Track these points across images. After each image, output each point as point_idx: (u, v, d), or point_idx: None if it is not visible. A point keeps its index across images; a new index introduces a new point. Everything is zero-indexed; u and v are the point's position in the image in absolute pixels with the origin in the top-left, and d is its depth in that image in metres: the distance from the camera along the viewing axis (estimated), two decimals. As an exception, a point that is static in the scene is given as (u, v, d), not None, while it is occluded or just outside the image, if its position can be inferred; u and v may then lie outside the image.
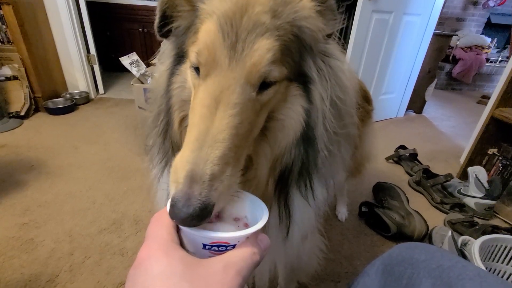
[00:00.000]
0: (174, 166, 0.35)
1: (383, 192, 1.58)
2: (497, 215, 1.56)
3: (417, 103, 3.15)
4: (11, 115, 2.26)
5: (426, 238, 1.33)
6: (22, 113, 2.31)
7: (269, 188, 0.50)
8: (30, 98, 2.38)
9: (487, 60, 4.27)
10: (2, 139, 1.99)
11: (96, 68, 2.94)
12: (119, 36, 3.85)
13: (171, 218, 0.31)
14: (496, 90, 1.75)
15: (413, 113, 3.21)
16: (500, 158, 1.72)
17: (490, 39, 4.20)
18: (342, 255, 1.23)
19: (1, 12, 2.17)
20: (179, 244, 0.31)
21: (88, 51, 2.84)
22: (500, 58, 4.39)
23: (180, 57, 0.46)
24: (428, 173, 1.78)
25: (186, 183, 0.32)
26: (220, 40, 0.37)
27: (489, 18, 4.45)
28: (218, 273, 0.28)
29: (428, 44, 2.70)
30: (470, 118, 3.14)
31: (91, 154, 1.89)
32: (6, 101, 2.25)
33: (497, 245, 1.06)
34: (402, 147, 2.10)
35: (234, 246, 0.31)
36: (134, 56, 2.08)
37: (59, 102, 2.58)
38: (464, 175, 1.77)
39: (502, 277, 1.06)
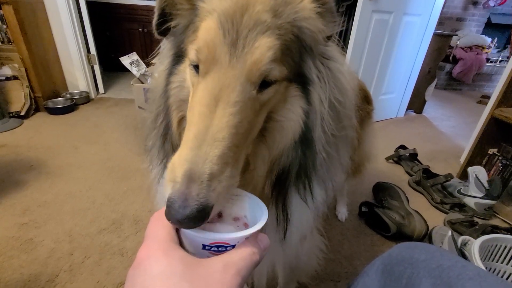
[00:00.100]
0: (172, 165, 0.34)
1: (383, 192, 1.58)
2: (497, 215, 1.56)
3: (417, 103, 3.15)
4: (11, 115, 2.26)
5: (426, 238, 1.33)
6: (22, 113, 2.31)
7: (266, 190, 0.50)
8: (30, 98, 2.38)
9: (487, 60, 4.27)
10: (2, 139, 1.99)
11: (96, 68, 2.95)
12: (119, 36, 3.85)
13: (167, 219, 0.30)
14: (496, 90, 1.75)
15: (413, 113, 3.21)
16: (500, 158, 1.72)
17: (490, 39, 4.20)
18: (342, 255, 1.23)
19: (1, 12, 2.17)
20: (179, 244, 0.31)
21: (88, 51, 2.84)
22: (500, 58, 4.38)
23: (179, 57, 0.46)
24: (428, 173, 1.78)
25: (184, 183, 0.31)
26: (221, 37, 0.36)
27: (489, 18, 4.45)
28: (218, 273, 0.28)
29: (428, 44, 2.70)
30: (470, 118, 3.14)
31: (91, 154, 1.89)
32: (6, 101, 2.25)
33: (497, 245, 1.06)
34: (402, 147, 2.10)
35: (234, 246, 0.31)
36: (134, 56, 2.08)
37: (59, 102, 2.59)
38: (464, 175, 1.77)
39: (502, 277, 1.06)
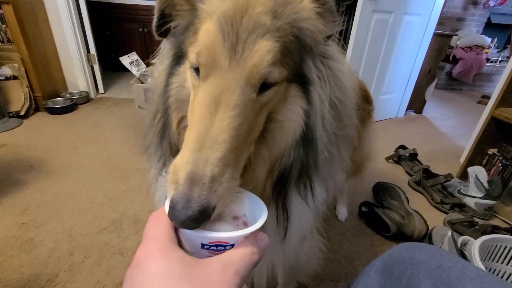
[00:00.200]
0: (174, 167, 0.34)
1: (383, 192, 1.58)
2: (497, 215, 1.56)
3: (417, 103, 3.15)
4: (11, 115, 2.26)
5: (426, 238, 1.33)
6: (22, 113, 2.31)
7: (267, 190, 0.50)
8: (30, 98, 2.38)
9: (487, 60, 4.27)
10: (2, 139, 1.99)
11: (96, 68, 2.94)
12: (119, 36, 3.85)
13: (170, 220, 0.31)
14: (496, 90, 1.74)
15: (413, 113, 3.21)
16: (500, 158, 1.71)
17: (491, 39, 4.20)
18: (342, 255, 1.22)
19: (1, 12, 2.17)
20: (178, 244, 0.31)
21: (88, 51, 2.84)
22: (500, 58, 4.38)
23: (179, 57, 0.46)
24: (428, 173, 1.78)
25: (186, 185, 0.31)
26: (220, 41, 0.36)
27: (490, 18, 4.45)
28: (217, 273, 0.28)
29: (428, 44, 2.69)
30: (470, 118, 3.14)
31: (91, 154, 1.89)
32: (6, 101, 2.25)
33: (497, 245, 1.06)
34: (402, 147, 2.10)
35: (233, 246, 0.31)
36: (134, 56, 2.08)
37: (59, 102, 2.58)
38: (464, 175, 1.77)
39: (502, 277, 1.06)
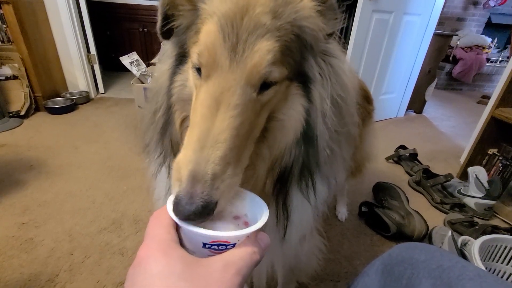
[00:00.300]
0: (177, 165, 0.35)
1: (383, 192, 1.58)
2: (497, 215, 1.56)
3: (417, 103, 3.15)
4: (11, 115, 2.26)
5: (426, 238, 1.33)
6: (22, 113, 2.31)
7: (267, 189, 0.50)
8: (30, 98, 2.38)
9: (488, 60, 4.27)
10: (2, 139, 1.99)
11: (96, 68, 2.94)
12: (119, 36, 3.85)
13: (175, 215, 0.32)
14: (497, 90, 1.74)
15: (413, 113, 3.21)
16: (500, 158, 1.71)
17: (491, 39, 4.20)
18: (342, 255, 1.23)
19: (1, 12, 2.17)
20: (179, 243, 0.31)
21: (88, 51, 2.84)
22: (501, 58, 4.38)
23: (182, 57, 0.47)
24: (428, 173, 1.78)
25: (189, 182, 0.33)
26: (221, 42, 0.37)
27: (490, 18, 4.45)
28: (218, 272, 0.28)
29: (429, 44, 2.69)
30: (470, 118, 3.14)
31: (91, 154, 1.89)
32: (6, 101, 2.25)
33: (497, 245, 1.06)
34: (402, 147, 2.10)
35: (234, 245, 0.31)
36: (134, 56, 2.08)
37: (59, 102, 2.58)
38: (464, 175, 1.77)
39: (502, 277, 1.06)
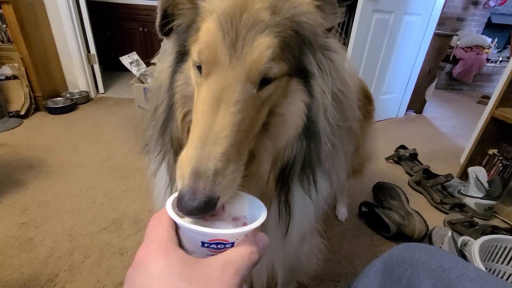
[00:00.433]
0: (180, 162, 0.36)
1: (383, 192, 1.58)
2: (497, 216, 1.56)
3: (417, 103, 3.15)
4: (11, 115, 2.26)
5: (426, 238, 1.33)
6: (22, 113, 2.31)
7: (270, 184, 0.50)
8: (30, 98, 2.38)
9: (488, 60, 4.27)
10: (2, 138, 1.99)
11: (96, 68, 2.94)
12: (119, 36, 3.84)
13: (179, 210, 0.32)
14: (497, 90, 1.74)
15: (413, 113, 3.21)
16: (500, 158, 1.71)
17: (491, 39, 4.20)
18: (342, 255, 1.22)
19: (1, 12, 2.17)
20: (178, 244, 0.31)
21: (88, 51, 2.84)
22: (501, 58, 4.38)
23: (183, 55, 0.47)
24: (428, 173, 1.78)
25: (192, 179, 0.34)
26: (220, 39, 0.37)
27: (490, 18, 4.45)
28: (217, 272, 0.28)
29: (429, 44, 2.69)
30: (470, 118, 3.14)
31: (91, 153, 1.89)
32: (6, 100, 2.25)
33: (497, 246, 1.06)
34: (402, 147, 2.10)
35: (233, 244, 0.31)
36: (134, 56, 2.07)
37: (59, 102, 2.58)
38: (464, 175, 1.77)
39: (502, 278, 1.06)
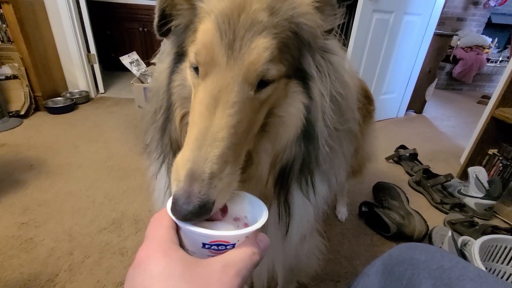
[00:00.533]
0: (176, 165, 0.35)
1: (383, 192, 1.58)
2: (497, 215, 1.56)
3: (418, 103, 3.15)
4: (11, 114, 2.26)
5: (426, 238, 1.33)
6: (22, 112, 2.31)
7: (269, 186, 0.50)
8: (30, 97, 2.38)
9: (488, 60, 4.27)
10: (2, 138, 1.99)
11: (96, 67, 2.94)
12: (119, 35, 3.84)
13: (173, 215, 0.31)
14: (497, 90, 1.74)
15: (414, 113, 3.20)
16: (501, 158, 1.71)
17: (491, 39, 4.19)
18: (342, 255, 1.22)
19: (1, 11, 2.17)
20: (179, 245, 0.31)
21: (88, 50, 2.84)
22: (501, 58, 4.38)
23: (181, 56, 0.46)
24: (428, 173, 1.78)
25: (187, 182, 0.32)
26: (218, 40, 0.37)
27: (490, 18, 4.45)
28: (217, 273, 0.28)
29: (429, 44, 2.69)
30: (470, 118, 3.14)
31: (91, 153, 1.89)
32: (6, 100, 2.25)
33: (497, 246, 1.06)
34: (402, 147, 2.10)
35: (234, 246, 0.31)
36: (134, 56, 2.07)
37: (59, 101, 2.58)
38: (464, 175, 1.77)
39: (502, 278, 1.06)
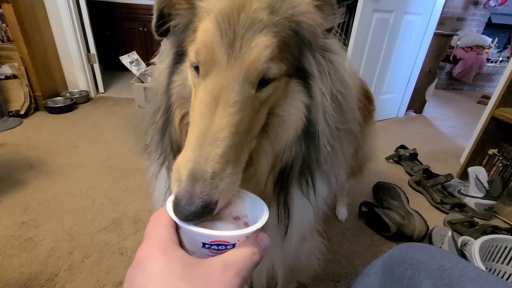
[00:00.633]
0: (177, 165, 0.35)
1: (383, 192, 1.58)
2: (497, 215, 1.56)
3: (418, 103, 3.15)
4: (11, 114, 2.26)
5: (426, 238, 1.33)
6: (22, 112, 2.31)
7: (269, 186, 0.50)
8: (30, 97, 2.37)
9: (488, 60, 4.26)
10: (2, 138, 1.99)
11: (96, 67, 2.94)
12: (119, 35, 3.84)
13: (175, 215, 0.31)
14: (497, 90, 1.74)
15: (414, 113, 3.20)
16: (500, 158, 1.71)
17: (491, 39, 4.19)
18: (342, 255, 1.22)
19: (1, 11, 2.17)
20: (178, 244, 0.31)
21: (88, 50, 2.84)
22: (501, 58, 4.38)
23: (180, 56, 0.46)
24: (428, 173, 1.78)
25: (189, 182, 0.32)
26: (218, 39, 0.36)
27: (490, 18, 4.44)
28: (217, 273, 0.28)
29: (429, 44, 2.69)
30: (470, 118, 3.14)
31: (91, 153, 1.89)
32: (6, 100, 2.25)
33: (497, 246, 1.06)
34: (402, 147, 2.10)
35: (234, 245, 0.31)
36: (134, 55, 2.07)
37: (59, 101, 2.58)
38: (464, 175, 1.77)
39: (502, 278, 1.06)
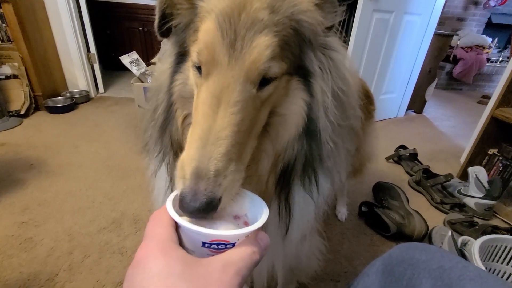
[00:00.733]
0: (181, 163, 0.36)
1: (383, 192, 1.58)
2: (497, 215, 1.56)
3: (418, 103, 3.15)
4: (11, 114, 2.26)
5: (426, 238, 1.33)
6: (22, 112, 2.31)
7: (270, 185, 0.50)
8: (30, 97, 2.37)
9: (488, 60, 4.27)
10: (2, 138, 1.99)
11: (96, 67, 2.94)
12: (119, 35, 3.84)
13: (181, 211, 0.32)
14: (497, 90, 1.74)
15: (414, 113, 3.20)
16: (500, 158, 1.71)
17: (491, 39, 4.19)
18: (342, 255, 1.22)
19: (1, 11, 2.17)
20: (178, 243, 0.31)
21: (88, 50, 2.84)
22: (501, 58, 4.38)
23: (182, 55, 0.47)
24: (428, 173, 1.78)
25: (193, 179, 0.34)
26: (219, 39, 0.37)
27: (490, 18, 4.45)
28: (217, 272, 0.28)
29: (429, 44, 2.69)
30: (470, 118, 3.14)
31: (91, 153, 1.89)
32: (6, 100, 2.25)
33: (497, 245, 1.06)
34: (402, 147, 2.10)
35: (234, 245, 0.31)
36: (134, 55, 2.07)
37: (59, 101, 2.58)
38: (464, 175, 1.77)
39: (502, 277, 1.06)
